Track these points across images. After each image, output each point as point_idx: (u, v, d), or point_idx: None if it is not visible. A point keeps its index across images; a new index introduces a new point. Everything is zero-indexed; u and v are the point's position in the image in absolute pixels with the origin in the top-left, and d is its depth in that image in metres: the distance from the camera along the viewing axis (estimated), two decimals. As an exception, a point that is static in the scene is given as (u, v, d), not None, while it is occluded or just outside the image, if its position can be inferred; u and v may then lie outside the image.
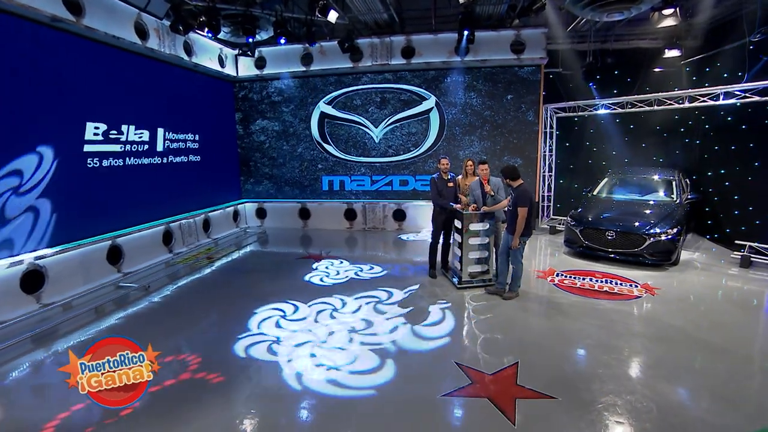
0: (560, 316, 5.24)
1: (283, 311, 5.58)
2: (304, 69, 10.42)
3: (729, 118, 8.44)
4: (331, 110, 10.75)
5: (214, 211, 9.95)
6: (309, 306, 5.71)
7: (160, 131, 8.28)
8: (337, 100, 10.70)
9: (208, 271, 7.37)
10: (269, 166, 11.29)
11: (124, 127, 7.39)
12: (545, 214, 10.79)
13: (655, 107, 8.53)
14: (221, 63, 10.00)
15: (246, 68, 10.71)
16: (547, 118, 10.33)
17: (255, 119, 11.15)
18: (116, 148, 7.24)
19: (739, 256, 7.23)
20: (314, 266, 7.53)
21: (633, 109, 8.89)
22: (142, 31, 7.42)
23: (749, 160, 7.94)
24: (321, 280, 6.82)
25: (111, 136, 7.12)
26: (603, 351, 4.39)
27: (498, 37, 9.53)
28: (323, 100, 10.74)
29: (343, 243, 9.55)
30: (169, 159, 8.61)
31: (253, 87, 11.04)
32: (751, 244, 7.30)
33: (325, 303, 5.82)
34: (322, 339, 4.75)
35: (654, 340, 4.61)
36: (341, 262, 7.76)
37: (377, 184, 10.85)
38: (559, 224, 10.25)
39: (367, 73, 10.42)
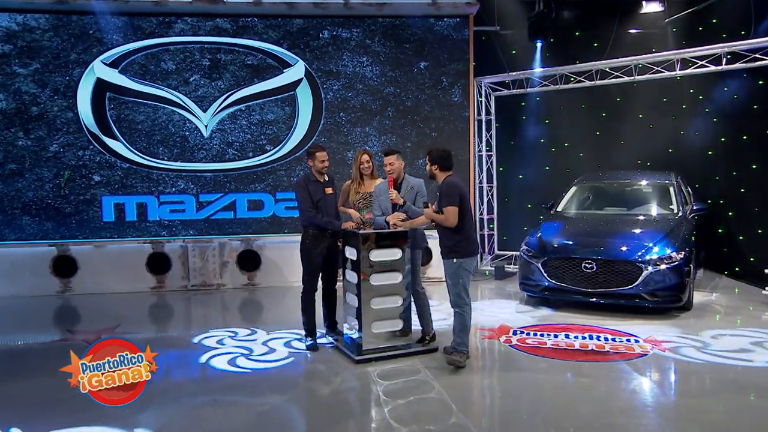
0: (526, 391, 5.51)
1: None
2: (60, -3, 9.63)
3: (735, 96, 9.40)
4: (118, 77, 10.09)
5: None
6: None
7: None
8: (131, 60, 10.10)
9: None
10: (-14, 178, 10.03)
11: None
12: (487, 250, 11.04)
13: (636, 77, 9.28)
14: None
15: None
16: (481, 98, 10.71)
17: (-51, 87, 9.91)
18: None
19: (774, 293, 7.90)
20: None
21: (605, 81, 9.60)
22: None
23: (768, 153, 8.84)
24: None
25: None
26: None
27: (402, -33, 9.88)
28: (101, 58, 10.02)
29: (144, 316, 8.95)
30: None
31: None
32: (788, 273, 8.00)
33: None
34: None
35: (673, 417, 4.93)
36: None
37: (208, 209, 10.41)
38: (509, 264, 10.56)
39: (184, 15, 10.11)
